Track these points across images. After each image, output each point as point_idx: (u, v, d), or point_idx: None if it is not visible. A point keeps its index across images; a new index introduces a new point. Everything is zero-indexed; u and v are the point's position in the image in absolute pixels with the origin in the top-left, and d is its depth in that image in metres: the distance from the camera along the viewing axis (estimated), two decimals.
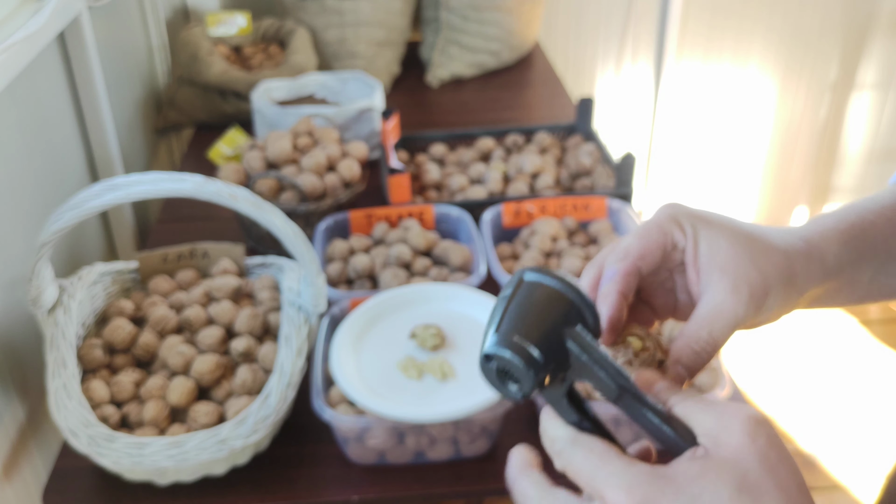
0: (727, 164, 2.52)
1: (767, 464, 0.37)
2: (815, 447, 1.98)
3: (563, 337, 0.41)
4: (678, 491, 0.37)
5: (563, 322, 0.41)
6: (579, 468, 0.40)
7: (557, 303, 0.42)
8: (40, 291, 0.87)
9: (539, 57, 2.07)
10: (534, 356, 0.40)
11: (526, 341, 0.40)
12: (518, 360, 0.40)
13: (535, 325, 0.41)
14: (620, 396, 0.41)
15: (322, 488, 0.89)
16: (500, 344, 0.41)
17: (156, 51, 1.77)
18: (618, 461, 0.39)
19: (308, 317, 0.92)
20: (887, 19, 2.31)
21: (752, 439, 0.38)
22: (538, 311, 0.42)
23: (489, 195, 1.33)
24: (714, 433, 0.38)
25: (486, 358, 0.41)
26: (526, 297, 0.42)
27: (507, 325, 0.41)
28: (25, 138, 1.09)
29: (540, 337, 0.41)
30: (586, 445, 0.40)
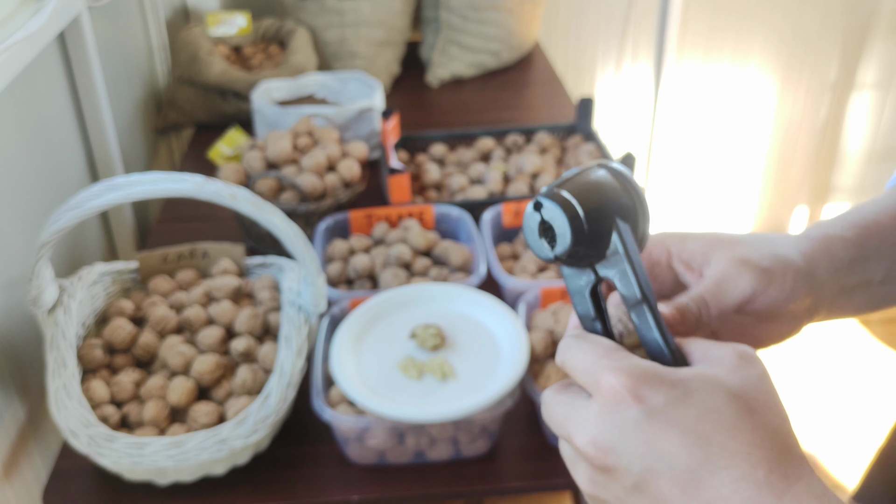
0: (727, 164, 2.52)
1: (760, 386, 0.38)
2: (815, 447, 1.98)
3: (613, 224, 0.41)
4: (675, 383, 0.37)
5: (618, 212, 0.41)
6: (579, 360, 0.40)
7: (621, 195, 0.42)
8: (40, 291, 0.87)
9: (539, 57, 2.07)
10: (580, 219, 0.40)
11: (581, 208, 0.40)
12: (564, 220, 0.40)
13: (594, 198, 0.41)
14: (639, 303, 0.41)
15: (322, 488, 0.89)
16: (553, 196, 0.40)
17: (156, 51, 1.77)
18: (619, 352, 0.39)
19: (308, 317, 0.93)
20: (887, 19, 2.31)
21: (748, 364, 0.38)
22: (602, 191, 0.42)
23: (489, 195, 1.33)
24: (710, 356, 0.39)
25: (536, 205, 0.41)
26: (599, 176, 0.42)
27: (569, 187, 0.41)
28: (25, 138, 1.09)
29: (593, 208, 0.41)
30: (592, 340, 0.41)
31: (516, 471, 0.91)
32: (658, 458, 0.36)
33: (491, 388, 0.85)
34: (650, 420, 0.36)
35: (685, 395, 0.36)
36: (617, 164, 0.43)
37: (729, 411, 0.36)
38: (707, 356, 0.39)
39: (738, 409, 0.36)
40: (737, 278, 0.46)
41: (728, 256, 0.47)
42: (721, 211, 2.60)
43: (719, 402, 0.36)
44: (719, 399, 0.36)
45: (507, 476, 0.90)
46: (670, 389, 0.36)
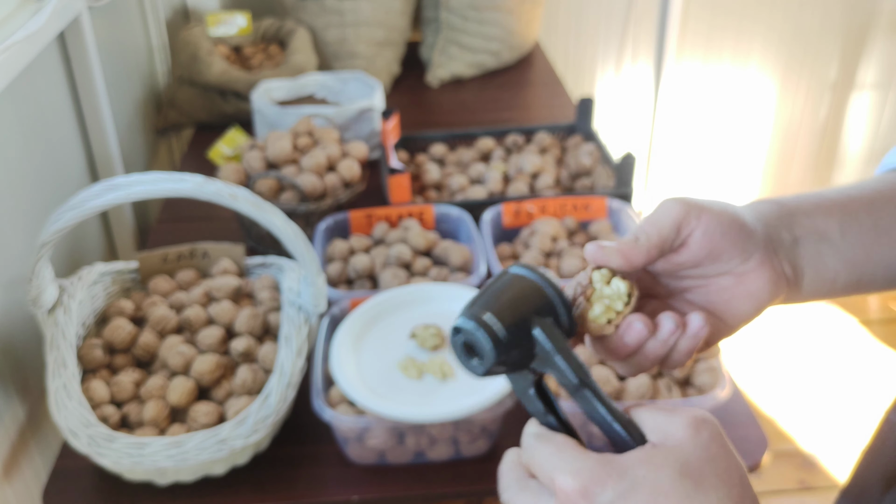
0: (727, 164, 2.52)
1: (708, 454, 0.39)
2: (815, 447, 1.98)
3: (532, 325, 0.43)
4: (622, 475, 0.39)
5: (534, 311, 0.44)
6: (538, 459, 0.42)
7: (533, 294, 0.44)
8: (40, 291, 0.87)
9: (539, 57, 2.07)
10: (497, 334, 0.42)
11: (493, 319, 0.42)
12: (482, 335, 0.42)
13: (506, 308, 0.43)
14: (579, 389, 0.43)
15: (322, 488, 0.89)
16: (467, 318, 0.43)
17: (156, 51, 1.77)
18: (571, 451, 0.41)
19: (308, 317, 0.93)
20: (887, 19, 2.31)
21: (696, 432, 0.40)
22: (512, 296, 0.44)
23: (489, 195, 1.33)
24: (661, 428, 0.41)
25: (455, 331, 0.44)
26: (506, 284, 0.44)
27: (480, 304, 0.43)
28: (25, 138, 1.09)
29: (508, 318, 0.43)
30: (547, 439, 0.42)
31: None
32: None
33: (491, 388, 0.85)
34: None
35: (632, 486, 0.38)
36: (521, 266, 0.45)
37: (676, 492, 0.38)
38: (659, 428, 0.41)
39: (685, 487, 0.38)
40: (668, 206, 0.49)
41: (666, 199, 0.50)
42: None
43: (666, 485, 0.38)
44: (666, 481, 0.38)
45: None
46: (617, 483, 0.38)
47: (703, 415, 0.41)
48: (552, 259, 1.15)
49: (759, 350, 2.27)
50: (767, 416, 2.07)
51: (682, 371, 0.94)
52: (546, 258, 1.15)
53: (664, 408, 0.42)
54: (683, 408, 0.42)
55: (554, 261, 1.15)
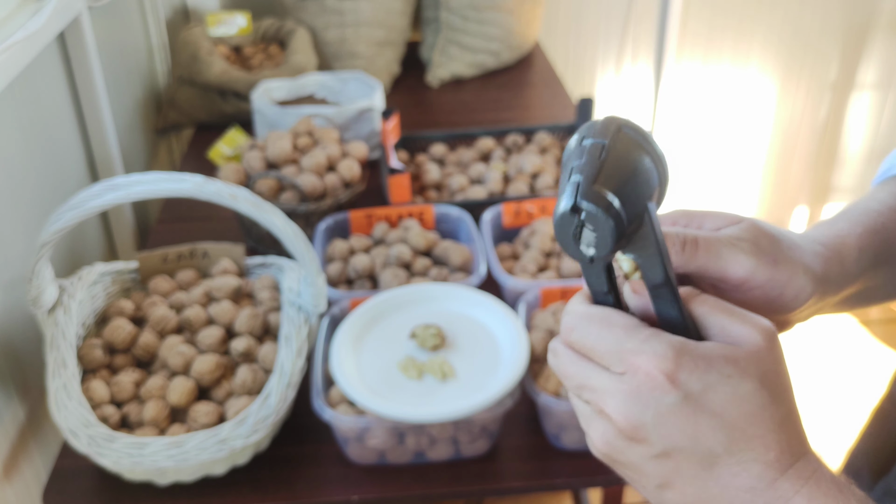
0: (727, 164, 2.52)
1: (781, 368, 0.40)
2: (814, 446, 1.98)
3: (645, 206, 0.39)
4: (709, 366, 0.38)
5: (649, 191, 0.39)
6: (596, 342, 0.40)
7: (650, 170, 0.40)
8: (40, 291, 0.87)
9: (539, 57, 2.07)
10: (623, 220, 0.38)
11: (620, 205, 0.38)
12: (606, 221, 0.37)
13: (632, 191, 0.38)
14: (661, 285, 0.40)
15: (322, 488, 0.89)
16: (593, 199, 0.37)
17: (156, 51, 1.77)
18: (645, 331, 0.39)
19: (308, 317, 0.92)
20: (887, 19, 2.31)
21: (770, 344, 0.39)
22: (638, 176, 0.39)
23: (489, 195, 1.33)
24: (733, 334, 0.39)
25: (573, 209, 0.38)
26: (624, 153, 0.39)
27: (605, 178, 0.38)
28: (25, 138, 1.09)
29: (632, 203, 0.38)
30: (605, 319, 0.40)
31: (516, 471, 0.91)
32: (686, 438, 0.38)
33: (491, 388, 0.85)
34: (685, 404, 0.38)
35: (718, 381, 0.38)
36: (629, 126, 0.40)
37: (755, 400, 0.38)
38: (729, 336, 0.40)
39: (763, 399, 0.38)
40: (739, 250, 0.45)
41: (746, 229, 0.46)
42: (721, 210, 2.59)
43: (747, 390, 0.38)
44: (748, 387, 0.38)
45: (507, 476, 0.90)
46: (705, 374, 0.38)
47: (772, 329, 0.40)
48: (552, 259, 1.15)
49: None
50: None
51: None
52: (546, 258, 1.15)
53: (732, 312, 0.40)
54: (750, 315, 0.40)
55: (554, 261, 1.15)
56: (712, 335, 0.40)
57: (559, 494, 1.85)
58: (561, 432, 0.90)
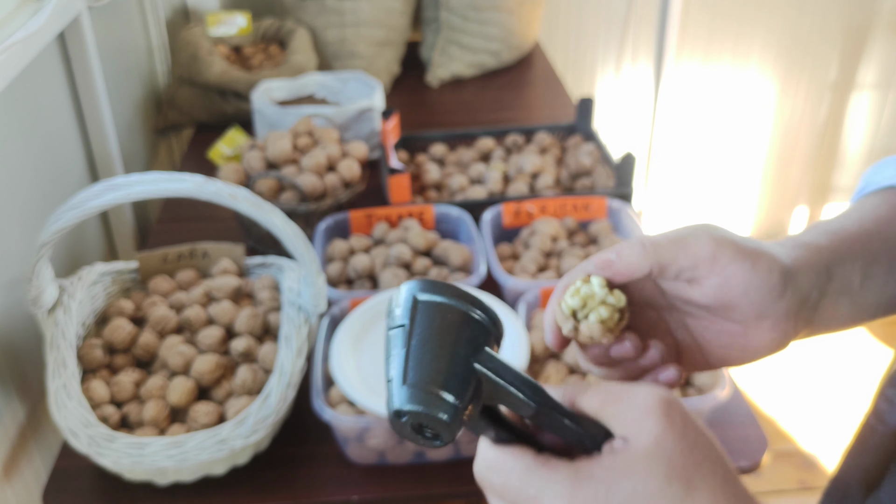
0: (727, 164, 2.52)
1: (687, 444, 0.37)
2: (814, 447, 1.98)
3: (472, 366, 0.37)
4: (609, 489, 0.36)
5: (472, 348, 0.37)
6: (502, 489, 0.39)
7: (462, 326, 0.38)
8: (40, 291, 0.87)
9: (539, 57, 2.07)
10: (450, 404, 0.36)
11: (439, 389, 0.36)
12: (435, 413, 0.36)
13: (445, 365, 0.36)
14: (537, 412, 0.38)
15: (322, 488, 0.89)
16: (412, 397, 0.36)
17: (156, 51, 1.77)
18: (537, 473, 0.38)
19: (308, 317, 0.92)
20: (887, 19, 2.31)
21: (670, 420, 0.37)
22: (444, 343, 0.37)
23: (489, 195, 1.33)
24: (629, 422, 0.38)
25: (397, 415, 0.37)
26: (425, 328, 0.37)
27: (414, 371, 0.36)
28: (25, 138, 1.09)
29: (452, 377, 0.36)
30: (501, 465, 0.39)
31: None
32: None
33: None
34: None
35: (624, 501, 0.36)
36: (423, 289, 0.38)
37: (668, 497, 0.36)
38: (626, 426, 0.38)
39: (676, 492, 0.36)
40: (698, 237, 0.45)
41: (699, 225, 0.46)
42: (721, 211, 2.60)
43: (657, 492, 0.36)
44: (655, 487, 0.36)
45: None
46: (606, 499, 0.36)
47: (665, 397, 0.38)
48: (552, 259, 1.15)
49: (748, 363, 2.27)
50: (767, 416, 2.07)
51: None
52: (546, 258, 1.15)
53: (620, 397, 0.39)
54: (639, 392, 0.38)
55: (554, 261, 1.15)
56: (612, 428, 0.39)
57: None
58: None
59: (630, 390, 0.39)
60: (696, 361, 0.49)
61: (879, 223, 0.51)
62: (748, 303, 0.46)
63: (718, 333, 0.48)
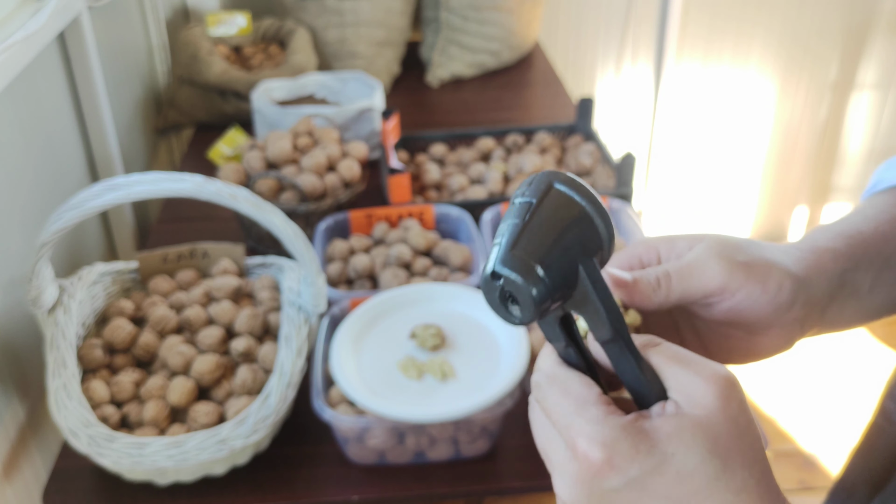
0: (727, 164, 2.52)
1: (738, 429, 0.37)
2: (815, 447, 1.98)
3: (577, 265, 0.38)
4: (651, 448, 0.37)
5: (582, 249, 0.38)
6: (553, 408, 0.40)
7: (583, 228, 0.38)
8: (40, 291, 0.87)
9: (539, 57, 2.07)
10: (543, 282, 0.37)
11: (540, 266, 0.37)
12: (524, 285, 0.36)
13: (554, 250, 0.37)
14: (611, 340, 0.39)
15: (322, 488, 0.89)
16: (511, 264, 0.37)
17: (156, 51, 1.77)
18: (593, 410, 0.38)
19: (308, 317, 0.92)
20: (887, 19, 2.31)
21: (727, 402, 0.38)
22: (561, 233, 0.38)
23: (489, 195, 1.33)
24: (688, 390, 0.38)
25: (493, 276, 0.38)
26: (551, 212, 0.38)
27: (525, 243, 0.37)
28: (25, 138, 1.09)
29: (556, 263, 0.37)
30: (563, 385, 0.40)
31: (516, 471, 0.91)
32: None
33: (491, 388, 0.85)
34: (628, 490, 0.37)
35: (661, 463, 0.37)
36: (568, 184, 0.39)
37: (703, 473, 0.37)
38: (684, 389, 0.39)
39: (713, 469, 0.37)
40: (707, 265, 0.45)
41: (708, 245, 0.46)
42: (721, 211, 2.60)
43: (694, 465, 0.37)
44: (696, 459, 0.37)
45: (507, 476, 0.90)
46: (646, 459, 0.37)
47: (730, 379, 0.38)
48: None
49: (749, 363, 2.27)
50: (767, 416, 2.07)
51: None
52: None
53: (688, 363, 0.39)
54: (707, 365, 0.39)
55: None
56: (669, 387, 0.39)
57: None
58: None
59: (700, 361, 0.39)
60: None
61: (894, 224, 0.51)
62: (756, 318, 0.46)
63: (725, 337, 0.48)
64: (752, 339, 0.48)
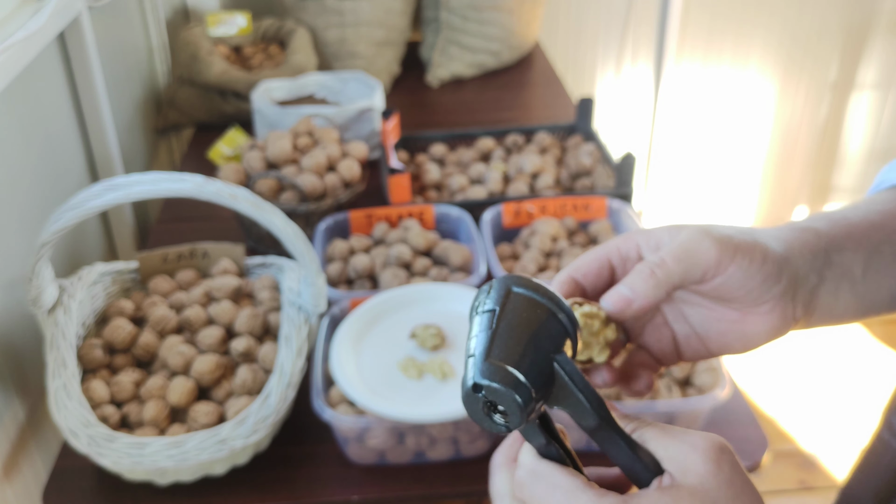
0: (727, 164, 2.52)
1: (733, 491, 0.38)
2: (815, 447, 1.98)
3: (552, 362, 0.39)
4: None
5: (553, 346, 0.39)
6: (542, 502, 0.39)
7: (549, 325, 0.39)
8: (40, 291, 0.87)
9: (539, 57, 2.07)
10: (526, 386, 0.37)
11: (517, 371, 0.37)
12: (511, 394, 0.37)
13: (528, 352, 0.38)
14: (599, 428, 0.40)
15: (322, 488, 0.89)
16: (489, 373, 0.37)
17: (156, 51, 1.77)
18: (583, 497, 0.38)
19: (308, 317, 0.93)
20: (887, 19, 2.31)
21: (718, 466, 0.38)
22: (530, 335, 0.39)
23: (489, 195, 1.33)
24: (680, 460, 0.39)
25: (475, 388, 0.38)
26: (516, 316, 0.39)
27: (498, 350, 0.38)
28: (25, 138, 1.09)
29: (532, 364, 0.38)
30: (548, 478, 0.40)
31: None
32: None
33: None
34: None
35: None
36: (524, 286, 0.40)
37: None
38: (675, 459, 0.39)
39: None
40: (700, 243, 0.45)
41: (693, 229, 0.47)
42: (721, 211, 2.60)
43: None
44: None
45: None
46: None
47: (720, 443, 0.39)
48: (552, 259, 1.15)
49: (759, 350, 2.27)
50: (767, 416, 2.07)
51: (682, 371, 0.94)
52: (546, 258, 1.15)
53: (677, 434, 0.40)
54: (695, 434, 0.40)
55: (554, 261, 1.15)
56: (661, 460, 0.40)
57: None
58: None
59: (688, 432, 0.40)
60: (696, 350, 0.50)
61: (886, 216, 0.51)
62: (746, 292, 0.46)
63: (717, 321, 0.48)
64: (746, 319, 0.48)
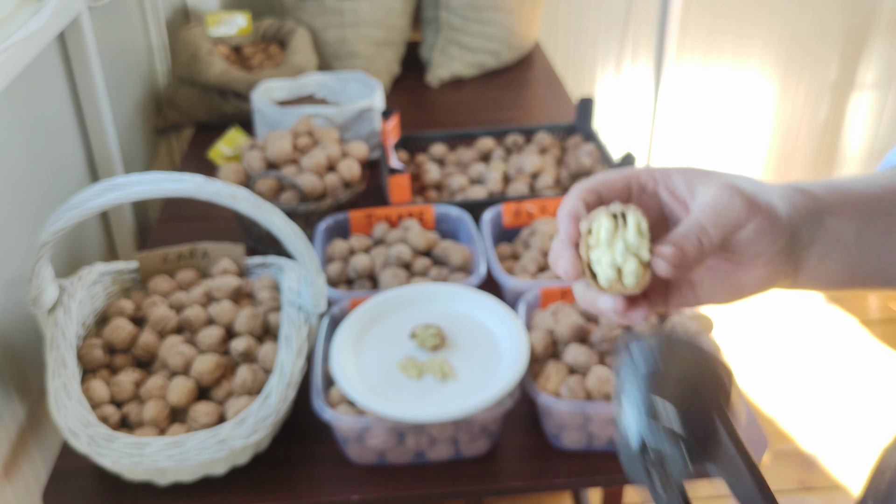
0: (727, 164, 2.52)
1: None
2: (815, 447, 1.98)
3: (714, 420, 0.36)
4: None
5: (717, 408, 0.37)
6: None
7: (709, 381, 0.37)
8: (40, 291, 0.87)
9: (539, 57, 2.07)
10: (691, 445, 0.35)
11: (685, 431, 0.35)
12: (678, 451, 0.35)
13: (691, 410, 0.36)
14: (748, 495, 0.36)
15: (322, 488, 0.89)
16: (657, 435, 0.35)
17: (156, 51, 1.77)
18: None
19: (308, 317, 0.93)
20: (887, 19, 2.31)
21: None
22: (693, 391, 0.37)
23: (489, 195, 1.33)
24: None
25: (642, 448, 0.36)
26: (677, 374, 0.37)
27: (661, 410, 0.36)
28: (25, 138, 1.09)
29: (696, 425, 0.36)
30: None
31: (516, 471, 0.91)
32: None
33: (491, 388, 0.85)
34: None
35: None
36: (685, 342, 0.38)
37: None
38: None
39: None
40: (730, 201, 0.47)
41: (717, 182, 0.48)
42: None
43: None
44: None
45: (507, 476, 0.90)
46: None
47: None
48: None
49: (759, 350, 2.27)
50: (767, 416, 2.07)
51: None
52: (546, 258, 1.15)
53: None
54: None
55: None
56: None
57: (559, 494, 1.85)
58: (561, 432, 0.90)
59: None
60: (684, 296, 0.50)
61: (886, 189, 0.51)
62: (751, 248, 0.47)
63: (710, 269, 0.49)
64: (739, 271, 0.48)
